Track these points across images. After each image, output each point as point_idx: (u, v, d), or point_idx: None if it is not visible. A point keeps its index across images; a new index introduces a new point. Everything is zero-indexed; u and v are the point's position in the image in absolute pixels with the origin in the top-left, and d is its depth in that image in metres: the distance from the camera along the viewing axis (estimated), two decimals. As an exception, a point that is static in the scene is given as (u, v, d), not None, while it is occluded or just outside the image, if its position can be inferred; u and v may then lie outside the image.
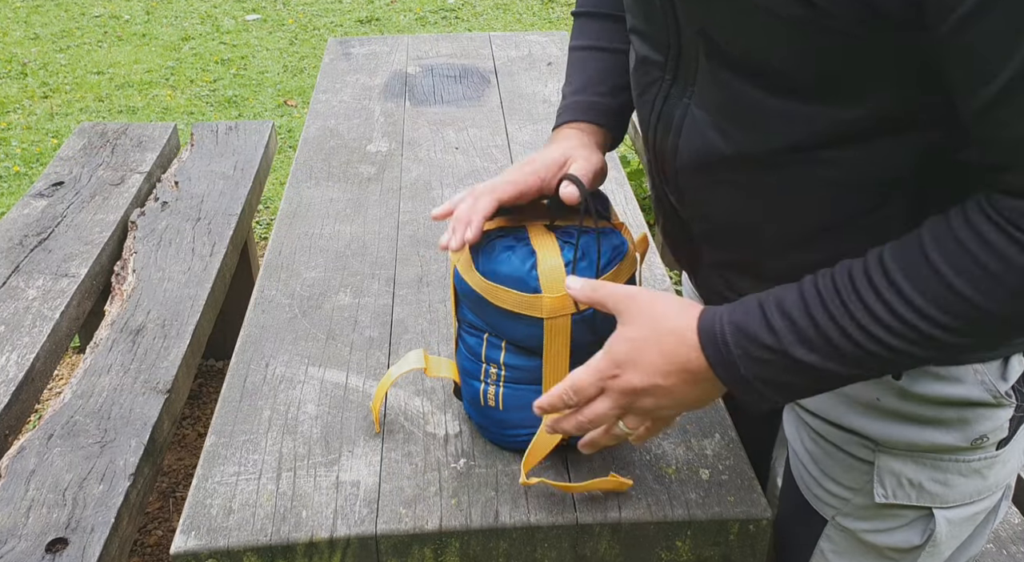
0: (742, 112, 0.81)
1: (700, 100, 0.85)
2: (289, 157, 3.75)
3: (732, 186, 0.86)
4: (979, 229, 0.68)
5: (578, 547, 0.99)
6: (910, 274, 0.71)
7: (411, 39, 2.43)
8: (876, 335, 0.72)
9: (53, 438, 1.47)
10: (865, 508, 0.96)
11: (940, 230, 0.70)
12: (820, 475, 0.99)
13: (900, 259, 0.71)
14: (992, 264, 0.68)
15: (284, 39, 5.09)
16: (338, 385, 1.17)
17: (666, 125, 0.90)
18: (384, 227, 1.53)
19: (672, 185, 0.93)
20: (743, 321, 0.77)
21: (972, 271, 0.68)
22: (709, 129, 0.84)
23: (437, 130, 1.89)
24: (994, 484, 0.95)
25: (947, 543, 0.96)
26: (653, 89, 0.91)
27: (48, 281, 1.88)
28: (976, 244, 0.68)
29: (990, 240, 0.67)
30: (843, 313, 0.73)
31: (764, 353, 0.76)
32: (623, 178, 1.71)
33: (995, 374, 0.88)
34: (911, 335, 0.71)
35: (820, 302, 0.74)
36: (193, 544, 0.95)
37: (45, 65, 4.73)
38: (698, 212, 0.93)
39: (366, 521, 0.97)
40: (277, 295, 1.35)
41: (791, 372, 0.76)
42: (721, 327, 0.78)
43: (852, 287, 0.73)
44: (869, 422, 0.92)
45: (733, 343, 0.77)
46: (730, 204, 0.88)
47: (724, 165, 0.85)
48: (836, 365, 0.74)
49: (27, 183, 3.54)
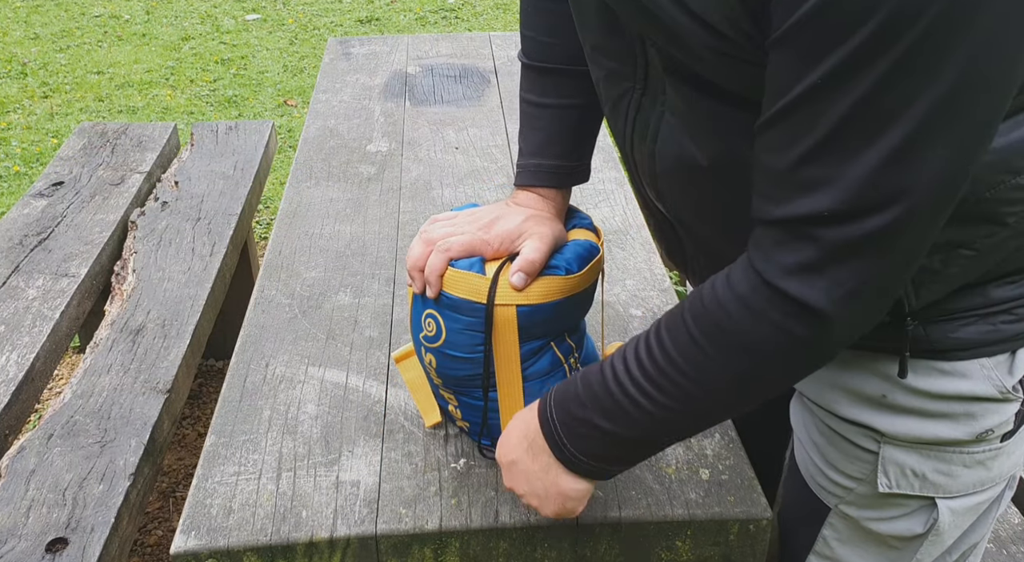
0: (707, 122, 0.82)
1: (674, 107, 0.85)
2: (289, 157, 3.75)
3: (709, 190, 0.87)
4: (720, 284, 0.74)
5: (578, 547, 0.99)
6: (672, 335, 0.77)
7: (411, 39, 2.43)
8: (649, 393, 0.78)
9: (53, 438, 1.47)
10: (868, 497, 0.97)
11: (695, 294, 0.77)
12: (824, 464, 1.00)
13: (667, 323, 0.78)
14: (718, 315, 0.74)
15: (284, 39, 5.09)
16: (338, 385, 1.17)
17: (641, 133, 0.91)
18: (384, 227, 1.53)
19: (654, 190, 0.94)
20: (563, 397, 0.85)
21: (704, 322, 0.75)
22: (683, 136, 0.85)
23: (437, 130, 1.89)
24: (998, 475, 0.95)
25: (949, 532, 0.97)
26: (624, 100, 0.91)
27: (48, 281, 1.88)
28: (709, 298, 0.74)
29: (720, 294, 0.74)
30: (626, 377, 0.79)
31: (577, 425, 0.83)
32: (623, 178, 1.71)
33: (1002, 369, 0.88)
34: (671, 390, 0.77)
35: (612, 372, 0.81)
36: (193, 544, 0.95)
37: (45, 65, 4.73)
38: (681, 214, 0.94)
39: (366, 521, 0.97)
40: (277, 295, 1.35)
41: (605, 443, 0.82)
42: (548, 399, 0.87)
43: (635, 354, 0.80)
44: (875, 416, 0.93)
45: (554, 410, 0.85)
46: (710, 206, 0.89)
47: (700, 170, 0.85)
48: (628, 430, 0.81)
49: (27, 183, 3.54)
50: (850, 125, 0.63)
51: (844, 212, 0.65)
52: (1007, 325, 0.87)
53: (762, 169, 0.70)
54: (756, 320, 0.72)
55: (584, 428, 0.83)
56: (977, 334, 0.87)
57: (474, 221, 1.01)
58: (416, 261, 0.98)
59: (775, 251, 0.70)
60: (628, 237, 1.50)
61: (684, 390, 0.77)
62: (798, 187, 0.66)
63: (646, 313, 1.32)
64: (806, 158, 0.65)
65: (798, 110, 0.65)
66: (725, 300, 0.73)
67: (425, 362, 1.01)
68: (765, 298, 0.71)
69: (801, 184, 0.66)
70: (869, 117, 0.62)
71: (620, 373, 0.80)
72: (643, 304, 1.34)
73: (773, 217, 0.69)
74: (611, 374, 0.81)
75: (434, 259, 0.96)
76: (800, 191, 0.66)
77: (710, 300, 0.75)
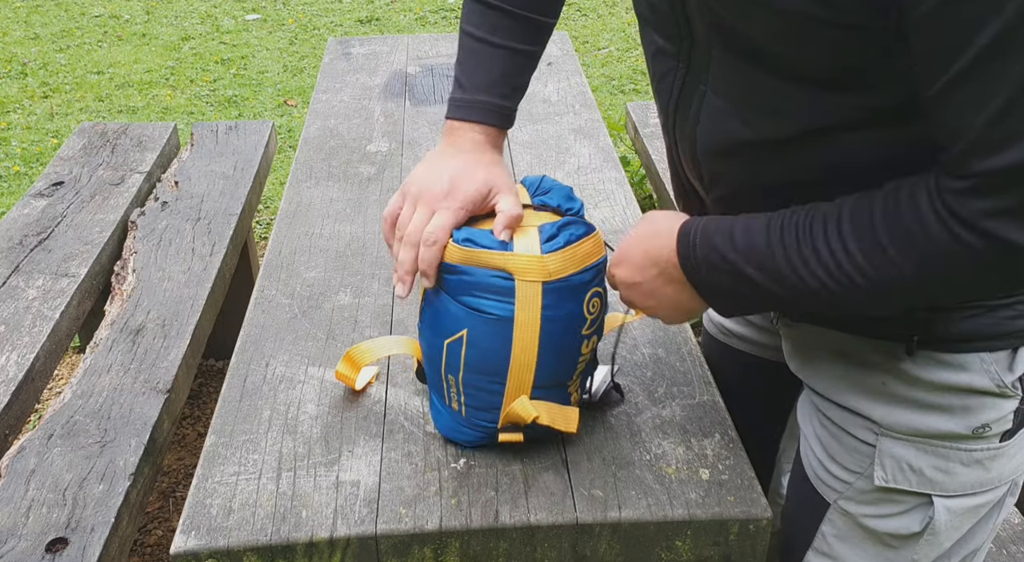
0: (759, 99, 0.83)
1: (716, 87, 0.87)
2: (289, 157, 3.75)
3: (751, 167, 0.88)
4: (917, 202, 0.74)
5: (578, 547, 0.99)
6: (858, 234, 0.78)
7: (411, 39, 2.43)
8: (816, 273, 0.80)
9: (53, 438, 1.47)
10: (866, 492, 0.97)
11: (890, 201, 0.77)
12: (825, 457, 1.01)
13: (853, 219, 0.78)
14: (918, 234, 0.74)
15: (284, 39, 5.09)
16: (338, 385, 1.17)
17: (684, 112, 0.92)
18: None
19: (693, 169, 0.96)
20: (713, 232, 0.86)
21: (899, 236, 0.76)
22: (728, 116, 0.86)
23: (437, 130, 1.89)
24: (997, 478, 0.95)
25: (946, 533, 0.97)
26: (668, 78, 0.93)
27: (48, 281, 1.88)
28: (911, 216, 0.75)
29: (923, 215, 0.74)
30: (795, 250, 0.81)
31: (722, 263, 0.85)
32: (623, 178, 1.71)
33: (1002, 365, 0.89)
34: (843, 279, 0.79)
35: (780, 237, 0.82)
36: (193, 544, 0.95)
37: (45, 65, 4.73)
38: (718, 190, 0.95)
39: (366, 521, 0.97)
40: (277, 295, 1.35)
41: (740, 283, 0.85)
42: (695, 233, 0.88)
43: (809, 233, 0.80)
44: (874, 405, 0.94)
45: (700, 246, 0.87)
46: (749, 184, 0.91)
47: (744, 149, 0.87)
48: (776, 287, 0.83)
49: (27, 183, 3.54)
50: None
51: None
52: (1009, 320, 0.87)
53: (947, 128, 0.71)
54: (960, 245, 0.73)
55: (729, 268, 0.85)
56: (979, 327, 0.87)
57: (429, 195, 0.99)
58: (411, 265, 0.97)
59: (973, 199, 0.71)
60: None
61: (856, 284, 0.78)
62: (996, 142, 0.68)
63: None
64: (1000, 115, 0.67)
65: (979, 70, 0.66)
66: (927, 220, 0.74)
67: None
68: (969, 233, 0.72)
69: (998, 139, 0.68)
70: None
71: (789, 244, 0.81)
72: (643, 304, 1.34)
73: (974, 171, 0.70)
74: (778, 238, 0.82)
75: (427, 254, 0.96)
76: (998, 146, 0.68)
77: (909, 213, 0.75)
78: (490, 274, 0.95)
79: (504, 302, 0.95)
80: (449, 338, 0.99)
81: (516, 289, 0.95)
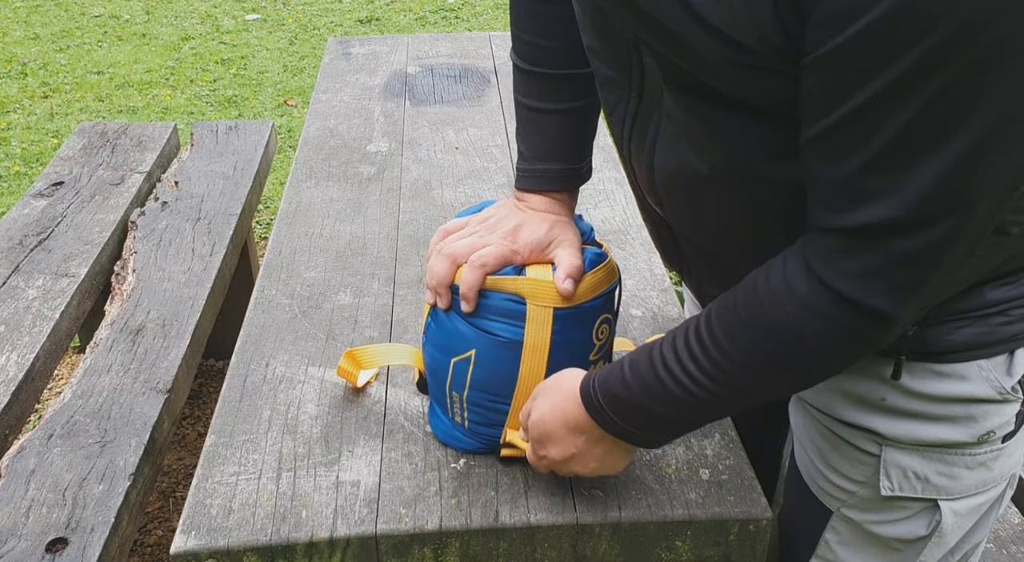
0: (709, 131, 0.81)
1: (671, 116, 0.85)
2: (289, 157, 3.75)
3: (710, 198, 0.87)
4: (777, 269, 0.75)
5: (578, 547, 0.99)
6: (725, 326, 0.78)
7: (411, 39, 2.43)
8: (701, 381, 0.80)
9: (53, 438, 1.47)
10: (871, 500, 0.97)
11: (747, 283, 0.78)
12: (826, 467, 1.00)
13: (719, 315, 0.79)
14: (779, 300, 0.75)
15: (284, 39, 5.09)
16: (338, 385, 1.17)
17: (639, 142, 0.90)
18: (384, 227, 1.53)
19: (653, 196, 0.94)
20: (606, 382, 0.86)
21: (756, 311, 0.76)
22: (682, 145, 0.85)
23: (437, 130, 1.89)
24: (999, 475, 0.95)
25: (952, 534, 0.97)
26: (621, 107, 0.91)
27: (48, 281, 1.88)
28: (765, 288, 0.75)
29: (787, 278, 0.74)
30: (679, 370, 0.81)
31: (628, 407, 0.85)
32: (623, 178, 1.71)
33: (1000, 370, 0.88)
34: (721, 377, 0.79)
35: (662, 362, 0.82)
36: (193, 544, 0.95)
37: (45, 65, 4.73)
38: (680, 220, 0.94)
39: (366, 521, 0.97)
40: (277, 295, 1.35)
41: (658, 421, 0.85)
42: (594, 389, 0.87)
43: (685, 345, 0.81)
44: (876, 419, 0.93)
45: (604, 402, 0.86)
46: (711, 214, 0.89)
47: (700, 179, 0.85)
48: (684, 412, 0.83)
49: (27, 183, 3.54)
50: (911, 137, 0.63)
51: (907, 221, 0.66)
52: (1003, 327, 0.86)
53: (818, 179, 0.70)
54: (816, 318, 0.72)
55: (631, 409, 0.85)
56: (973, 336, 0.86)
57: (494, 229, 1.00)
58: (443, 278, 0.97)
59: (836, 257, 0.70)
60: (628, 237, 1.50)
61: (734, 378, 0.78)
62: (859, 197, 0.67)
63: (646, 313, 1.32)
64: (867, 169, 0.65)
65: (853, 123, 0.65)
66: (783, 297, 0.74)
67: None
68: (827, 300, 0.71)
69: (862, 194, 0.66)
70: (930, 129, 0.62)
71: (670, 360, 0.81)
72: (643, 304, 1.34)
73: (834, 225, 0.69)
74: (660, 360, 0.82)
75: (470, 275, 0.96)
76: (861, 201, 0.67)
77: (766, 295, 0.75)
78: (503, 297, 0.96)
79: (514, 325, 0.96)
80: (456, 357, 0.99)
81: (528, 313, 0.95)
